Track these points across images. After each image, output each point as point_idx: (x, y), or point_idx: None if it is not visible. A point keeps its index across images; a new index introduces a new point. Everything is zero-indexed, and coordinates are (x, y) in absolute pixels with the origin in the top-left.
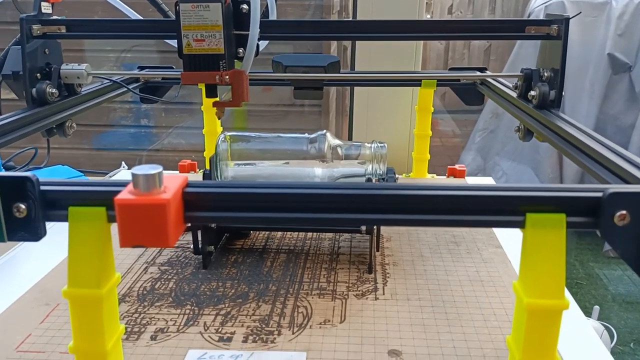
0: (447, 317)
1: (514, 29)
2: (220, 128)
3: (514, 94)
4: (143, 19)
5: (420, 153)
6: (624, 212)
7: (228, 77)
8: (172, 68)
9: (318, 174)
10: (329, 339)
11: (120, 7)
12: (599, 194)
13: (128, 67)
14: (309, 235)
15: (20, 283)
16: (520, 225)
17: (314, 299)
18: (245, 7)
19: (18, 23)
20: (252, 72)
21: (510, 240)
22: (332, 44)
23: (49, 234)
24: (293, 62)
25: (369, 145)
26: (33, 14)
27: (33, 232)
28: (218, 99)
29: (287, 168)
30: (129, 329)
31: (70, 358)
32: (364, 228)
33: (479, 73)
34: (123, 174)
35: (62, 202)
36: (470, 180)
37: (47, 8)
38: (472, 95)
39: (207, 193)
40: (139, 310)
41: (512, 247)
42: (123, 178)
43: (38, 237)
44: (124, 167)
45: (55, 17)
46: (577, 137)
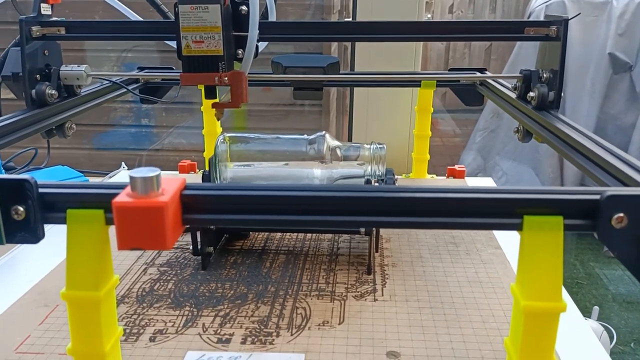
0: (445, 318)
1: (513, 30)
2: (220, 128)
3: (513, 95)
4: (142, 20)
5: (420, 153)
6: (622, 214)
7: (227, 78)
8: (171, 69)
9: (317, 175)
10: (328, 340)
11: (120, 8)
12: (597, 197)
13: (129, 66)
14: (308, 236)
15: (20, 284)
16: (518, 228)
17: (313, 300)
18: (245, 8)
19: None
20: (251, 72)
21: (510, 242)
22: (332, 44)
23: (49, 236)
24: (292, 62)
25: (368, 147)
26: (32, 15)
27: (31, 234)
28: (217, 100)
29: (286, 169)
30: (128, 330)
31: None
32: (363, 229)
33: (479, 74)
34: (123, 175)
35: (60, 204)
36: (470, 181)
37: (46, 9)
38: (471, 96)
39: (205, 196)
40: (138, 312)
41: (511, 248)
42: (122, 179)
43: (36, 239)
44: (124, 167)
45: (55, 18)
46: (575, 138)
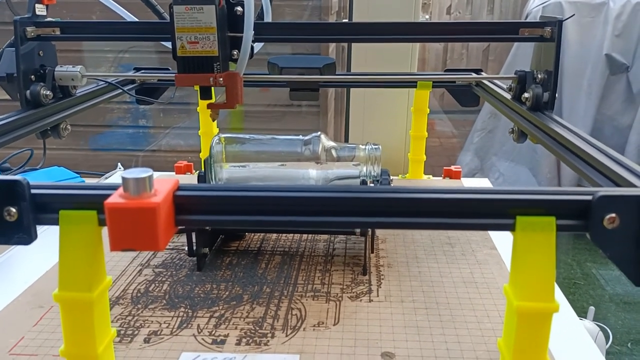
0: (440, 319)
1: (508, 31)
2: (217, 129)
3: (508, 96)
4: (138, 21)
5: (416, 154)
6: (614, 215)
7: (222, 79)
8: (167, 69)
9: (312, 176)
10: (323, 341)
11: (115, 8)
12: (589, 197)
13: (126, 67)
14: (304, 237)
15: (14, 286)
16: (511, 228)
17: (308, 301)
18: (240, 9)
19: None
20: (247, 73)
21: (505, 242)
22: (330, 45)
23: (44, 237)
24: (289, 63)
25: (364, 147)
26: (27, 16)
27: (24, 235)
28: (213, 101)
29: (281, 170)
30: (122, 332)
31: None
32: (359, 230)
33: (475, 75)
34: (118, 176)
35: (52, 205)
36: (466, 182)
37: (41, 10)
38: (467, 97)
39: (197, 196)
40: (133, 313)
41: (506, 249)
42: (118, 180)
43: (29, 240)
44: (120, 168)
45: (50, 19)
46: (569, 139)
